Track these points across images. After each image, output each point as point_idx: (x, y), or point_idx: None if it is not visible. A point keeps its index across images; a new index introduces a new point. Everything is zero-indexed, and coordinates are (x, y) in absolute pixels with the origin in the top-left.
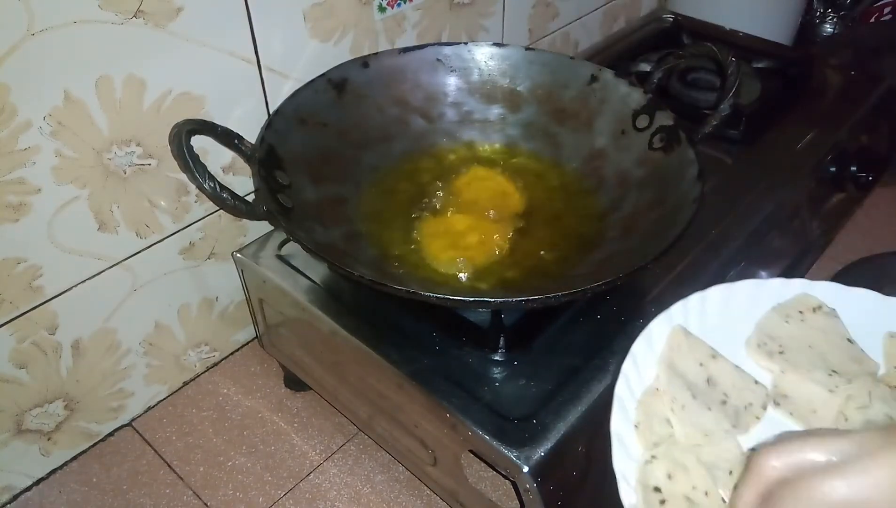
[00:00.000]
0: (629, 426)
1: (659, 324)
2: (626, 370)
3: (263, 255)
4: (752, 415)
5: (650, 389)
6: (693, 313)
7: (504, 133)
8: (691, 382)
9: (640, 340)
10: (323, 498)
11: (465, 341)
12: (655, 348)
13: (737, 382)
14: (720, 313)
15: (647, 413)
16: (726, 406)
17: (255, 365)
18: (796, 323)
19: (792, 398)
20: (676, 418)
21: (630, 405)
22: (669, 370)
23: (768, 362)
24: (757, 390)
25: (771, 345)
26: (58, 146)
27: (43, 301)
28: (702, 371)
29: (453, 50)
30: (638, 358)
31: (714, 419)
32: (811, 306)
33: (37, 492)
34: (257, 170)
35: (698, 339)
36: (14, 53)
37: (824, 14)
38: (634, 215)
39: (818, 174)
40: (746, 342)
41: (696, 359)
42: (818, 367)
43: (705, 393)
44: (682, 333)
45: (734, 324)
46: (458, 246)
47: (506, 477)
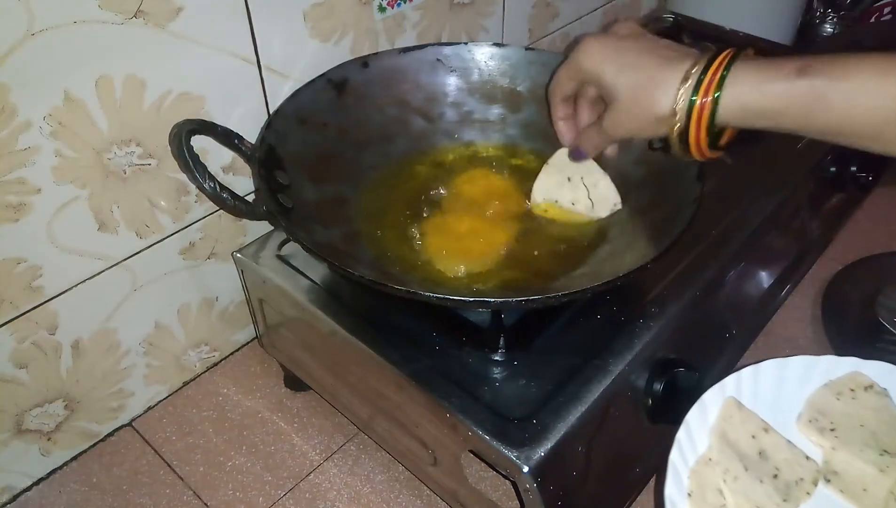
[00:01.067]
0: (683, 494)
1: (712, 395)
2: (680, 437)
3: (263, 255)
4: (804, 490)
5: (703, 458)
6: (746, 386)
7: (504, 133)
8: (743, 453)
9: (694, 410)
10: (323, 498)
11: (465, 341)
12: (709, 418)
13: (788, 456)
14: (772, 387)
15: (699, 483)
16: (777, 480)
17: (255, 365)
18: (847, 401)
19: (842, 475)
20: (728, 489)
21: (683, 473)
22: (722, 440)
23: (819, 438)
24: (808, 465)
25: (822, 421)
26: (58, 146)
27: (43, 301)
28: (754, 444)
29: (453, 50)
30: (692, 427)
31: (766, 492)
32: (863, 385)
33: (37, 492)
34: (257, 170)
35: (750, 411)
36: (14, 53)
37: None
38: (634, 214)
39: (818, 174)
40: (798, 417)
41: (749, 431)
42: (869, 446)
43: (757, 466)
44: (734, 404)
45: (786, 399)
46: (458, 246)
47: (506, 477)
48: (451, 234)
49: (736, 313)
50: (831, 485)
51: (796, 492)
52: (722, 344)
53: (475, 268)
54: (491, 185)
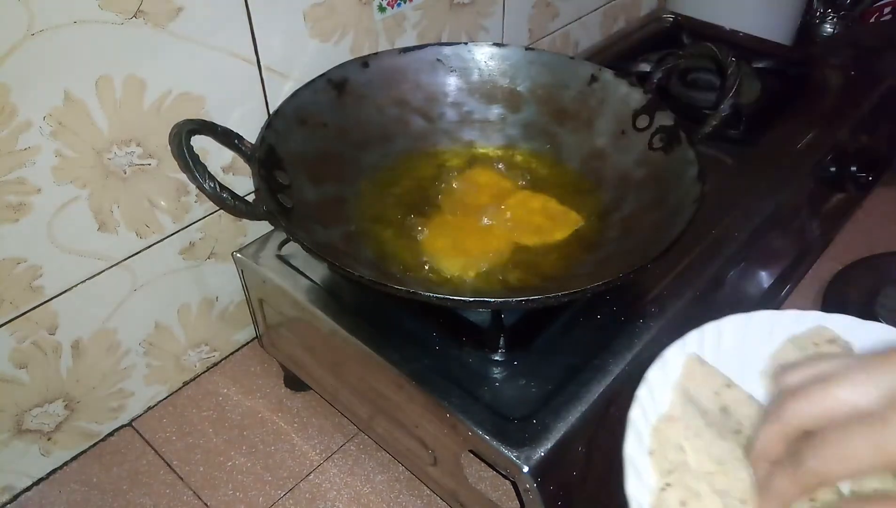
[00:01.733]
0: (644, 452)
1: (674, 352)
2: (641, 396)
3: (263, 255)
4: None
5: (665, 416)
6: (708, 343)
7: (504, 133)
8: (706, 410)
9: (655, 366)
10: (323, 498)
11: (465, 341)
12: (670, 375)
13: (751, 412)
14: (735, 343)
15: (661, 440)
16: (740, 436)
17: (255, 365)
18: (811, 355)
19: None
20: (690, 445)
21: (645, 431)
22: (684, 397)
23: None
24: None
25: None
26: (58, 146)
27: (43, 301)
28: (716, 400)
29: (453, 50)
30: (653, 384)
31: (728, 448)
32: (826, 339)
33: (37, 492)
34: (257, 170)
35: (713, 368)
36: (14, 53)
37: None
38: (634, 215)
39: (818, 174)
40: (761, 372)
41: (711, 388)
42: None
43: (719, 422)
44: (697, 361)
45: (749, 355)
46: (458, 246)
47: (506, 477)
48: (451, 234)
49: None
50: None
51: None
52: None
53: (475, 268)
54: (490, 185)
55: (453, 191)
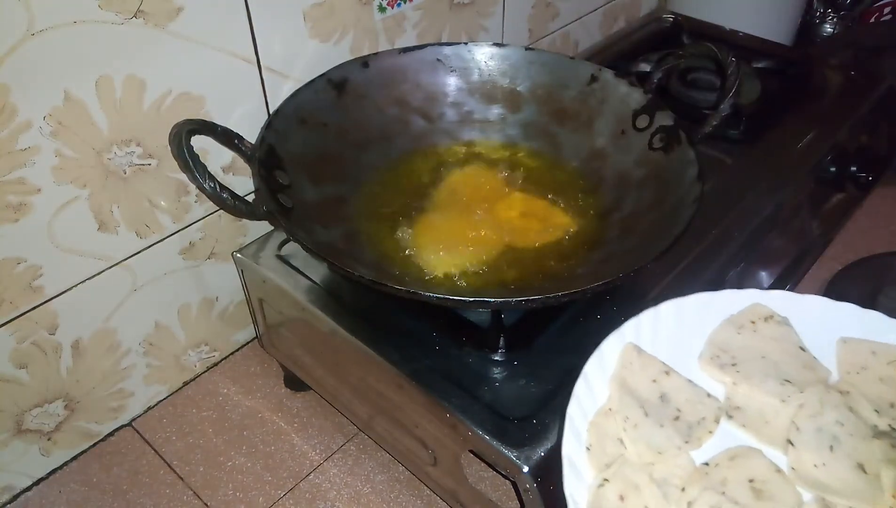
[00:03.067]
0: (581, 448)
1: (611, 343)
2: (578, 391)
3: (263, 255)
4: (705, 429)
5: (602, 409)
6: (645, 330)
7: (504, 133)
8: (644, 399)
9: (592, 360)
10: (323, 498)
11: (465, 341)
12: (607, 367)
13: (690, 397)
14: (673, 328)
15: (599, 435)
16: (679, 422)
17: (255, 365)
18: (748, 334)
19: (744, 409)
20: (628, 437)
21: (582, 426)
22: (622, 388)
23: (721, 374)
24: (710, 403)
25: (724, 357)
26: (58, 146)
27: (43, 301)
28: (655, 388)
29: (453, 50)
30: (590, 378)
31: (666, 435)
32: (763, 316)
33: (37, 492)
34: (257, 170)
35: (651, 356)
36: (14, 53)
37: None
38: (634, 215)
39: (818, 174)
40: (699, 355)
41: (649, 376)
42: (771, 377)
43: (658, 410)
44: (634, 350)
45: (687, 338)
46: (459, 245)
47: (506, 477)
48: (451, 233)
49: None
50: (733, 421)
51: (698, 432)
52: None
53: (475, 267)
54: (490, 185)
55: (453, 190)
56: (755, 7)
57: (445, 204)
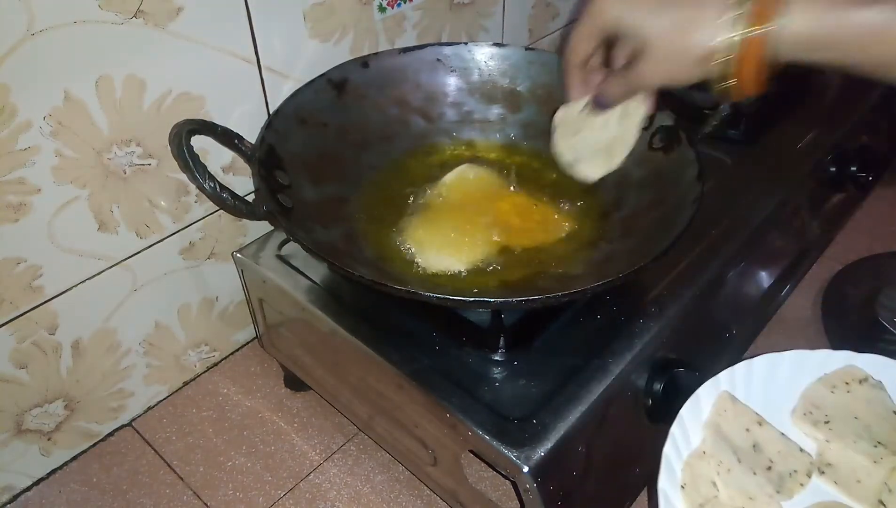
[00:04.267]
0: (676, 486)
1: (706, 390)
2: (674, 431)
3: (263, 255)
4: (797, 482)
5: (697, 452)
6: (739, 381)
7: (504, 133)
8: (737, 446)
9: (688, 404)
10: (323, 498)
11: (465, 341)
12: (702, 413)
13: (782, 449)
14: (766, 381)
15: (693, 475)
16: (771, 472)
17: (255, 365)
18: (842, 394)
19: (836, 466)
20: (722, 480)
21: (677, 465)
22: (716, 434)
23: (814, 430)
24: (802, 457)
25: (816, 414)
26: (58, 146)
27: (43, 301)
28: (748, 437)
29: (453, 50)
30: (685, 421)
31: (758, 483)
32: (857, 378)
33: (37, 492)
34: (257, 170)
35: (744, 405)
36: (14, 53)
37: None
38: (634, 215)
39: (818, 174)
40: (792, 411)
41: (743, 425)
42: (863, 438)
43: (751, 458)
44: (728, 398)
45: (780, 393)
46: (459, 245)
47: (506, 477)
48: (451, 233)
49: (736, 313)
50: (825, 477)
51: (790, 483)
52: (722, 344)
53: (475, 267)
54: (490, 185)
55: (453, 190)
56: None
57: (445, 204)
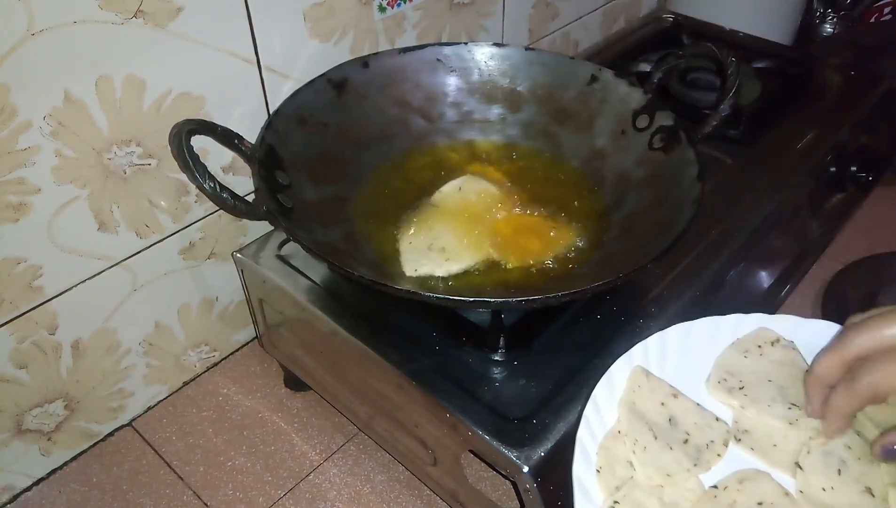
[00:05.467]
0: (591, 471)
1: (619, 366)
2: (588, 414)
3: (263, 255)
4: (714, 453)
5: (612, 432)
6: (653, 354)
7: (504, 133)
8: (653, 422)
9: (601, 383)
10: (323, 498)
11: (465, 341)
12: (616, 390)
13: (698, 420)
14: (680, 352)
15: (608, 457)
16: (688, 445)
17: (255, 365)
18: (755, 358)
19: (753, 433)
20: (638, 460)
21: (591, 449)
22: (630, 411)
23: (728, 398)
24: (718, 427)
25: (731, 381)
26: (58, 146)
27: (43, 301)
28: (663, 411)
29: (453, 50)
30: (599, 401)
31: (675, 458)
32: (769, 340)
33: (37, 492)
34: (257, 170)
35: (659, 379)
36: (14, 53)
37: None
38: (634, 215)
39: (818, 174)
40: (707, 379)
41: (658, 399)
42: (778, 401)
43: (667, 433)
44: (642, 373)
45: (694, 362)
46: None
47: (506, 477)
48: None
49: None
50: (742, 444)
51: (707, 455)
52: None
53: (475, 267)
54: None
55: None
56: (755, 7)
57: (445, 204)
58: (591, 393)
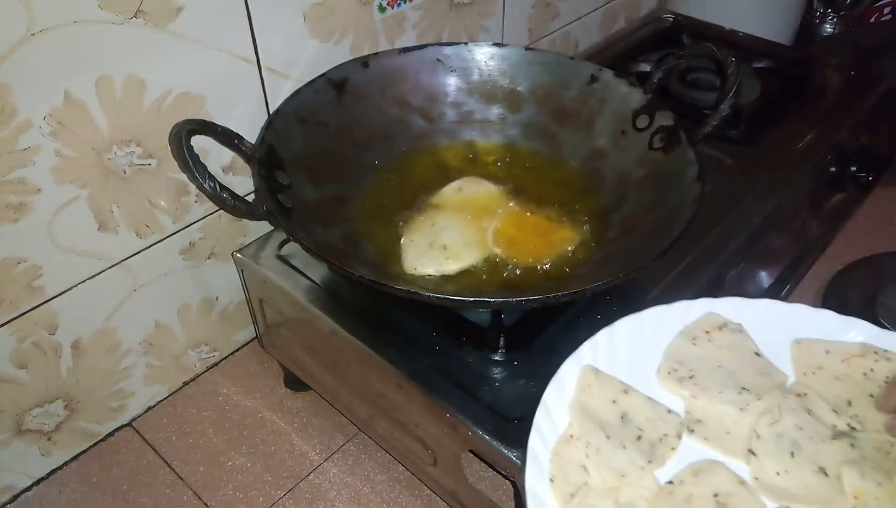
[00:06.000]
0: (544, 481)
1: (568, 367)
2: (538, 421)
3: (263, 255)
4: (668, 446)
5: (564, 437)
6: (602, 350)
7: (504, 133)
8: (605, 422)
9: (551, 386)
10: (323, 498)
11: (465, 341)
12: (567, 392)
13: (650, 414)
14: (629, 345)
15: (561, 464)
16: (641, 442)
17: (255, 365)
18: (704, 344)
19: (705, 422)
20: (591, 463)
21: (544, 457)
22: (582, 413)
23: (679, 388)
24: (670, 419)
25: (681, 371)
26: (58, 146)
27: (43, 301)
28: (615, 409)
29: (453, 50)
30: (550, 406)
31: (629, 457)
32: (717, 325)
33: (37, 492)
34: (257, 170)
35: (609, 376)
36: (14, 53)
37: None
38: (634, 215)
39: (818, 174)
40: (657, 370)
41: (608, 397)
42: (728, 386)
43: (619, 431)
44: (591, 372)
45: (645, 354)
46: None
47: (506, 477)
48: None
49: None
50: (695, 435)
51: (661, 450)
52: None
53: (475, 266)
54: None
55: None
56: (755, 7)
57: (446, 204)
58: (541, 398)
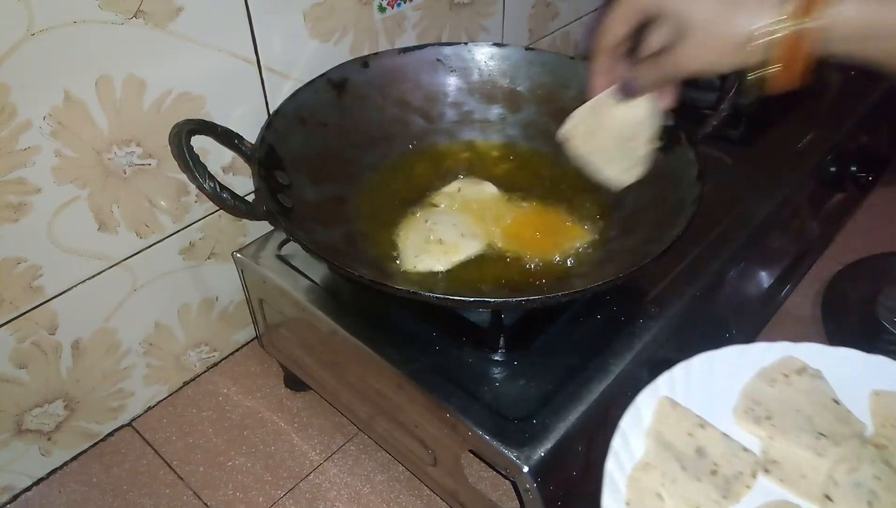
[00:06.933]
0: (620, 504)
1: (645, 397)
2: (616, 446)
3: (263, 255)
4: (743, 484)
5: (640, 463)
6: (679, 384)
7: (504, 133)
8: (681, 453)
9: (628, 414)
10: (323, 498)
11: (465, 341)
12: (644, 421)
13: (726, 451)
14: (705, 381)
15: (637, 489)
16: (716, 477)
17: (255, 365)
18: (782, 387)
19: (781, 463)
20: (667, 492)
21: (621, 481)
22: (658, 442)
23: (756, 428)
24: (746, 457)
25: (758, 411)
26: (58, 146)
27: (43, 301)
28: (691, 442)
29: (453, 50)
30: (627, 433)
31: (704, 490)
32: (796, 369)
33: (37, 492)
34: (257, 170)
35: (685, 409)
36: (14, 53)
37: None
38: (634, 214)
39: (818, 174)
40: (734, 409)
41: (685, 429)
42: (805, 431)
43: (695, 464)
44: (668, 404)
45: (720, 391)
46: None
47: (506, 477)
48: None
49: (736, 313)
50: (771, 475)
51: (736, 487)
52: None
53: (475, 267)
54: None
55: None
56: None
57: (445, 204)
58: (619, 425)
